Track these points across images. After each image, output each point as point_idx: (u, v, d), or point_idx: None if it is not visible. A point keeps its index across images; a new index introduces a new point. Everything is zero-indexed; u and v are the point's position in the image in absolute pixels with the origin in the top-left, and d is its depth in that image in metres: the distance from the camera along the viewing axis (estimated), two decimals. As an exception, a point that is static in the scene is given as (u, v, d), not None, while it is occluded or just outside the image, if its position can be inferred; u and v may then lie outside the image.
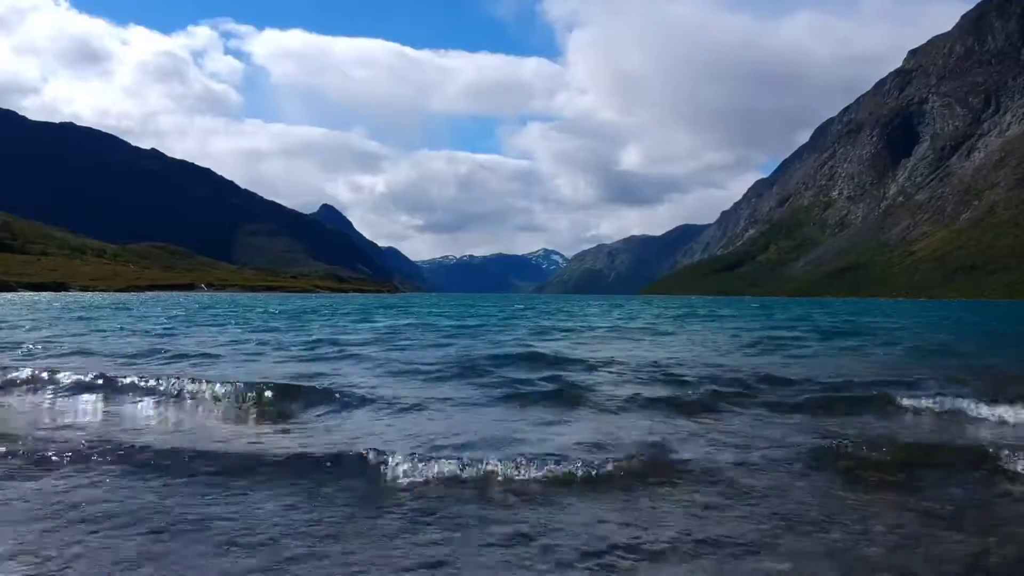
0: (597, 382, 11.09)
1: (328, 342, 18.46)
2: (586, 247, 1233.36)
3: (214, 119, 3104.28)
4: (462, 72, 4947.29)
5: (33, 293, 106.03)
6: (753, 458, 6.29)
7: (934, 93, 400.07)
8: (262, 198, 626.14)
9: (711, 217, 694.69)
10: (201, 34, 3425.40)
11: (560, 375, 11.66)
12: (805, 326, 31.87)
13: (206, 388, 9.54)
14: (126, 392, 9.71)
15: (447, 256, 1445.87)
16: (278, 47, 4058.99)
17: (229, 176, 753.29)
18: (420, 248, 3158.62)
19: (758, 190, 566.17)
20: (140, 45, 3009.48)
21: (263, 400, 9.03)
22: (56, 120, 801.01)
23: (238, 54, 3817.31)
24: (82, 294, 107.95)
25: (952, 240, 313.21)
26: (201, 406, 9.00)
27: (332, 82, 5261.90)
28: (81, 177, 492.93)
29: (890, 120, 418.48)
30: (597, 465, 5.79)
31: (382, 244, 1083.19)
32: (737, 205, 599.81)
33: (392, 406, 8.80)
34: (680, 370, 12.62)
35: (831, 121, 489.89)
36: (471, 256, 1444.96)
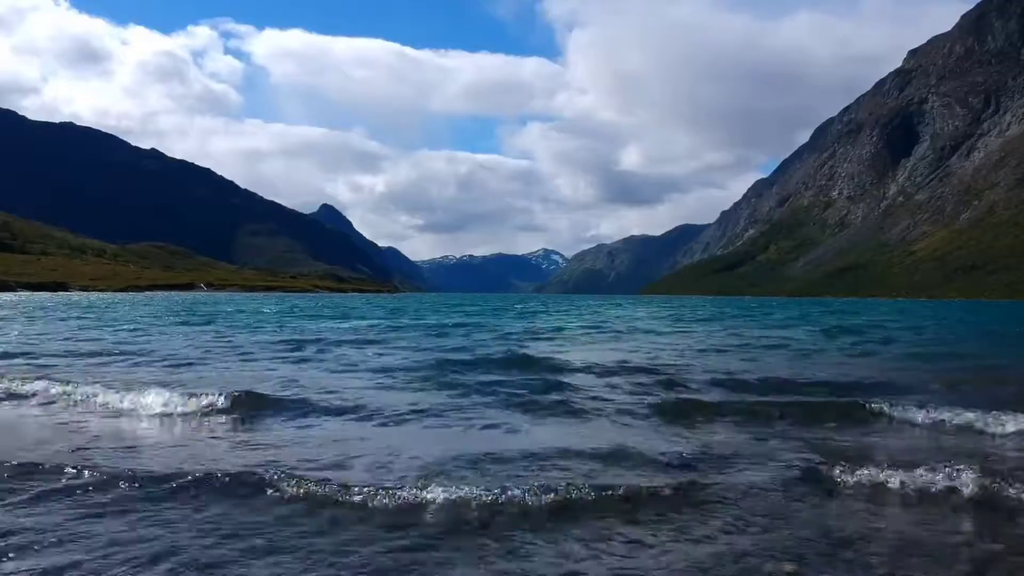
0: (575, 385, 10.75)
1: (300, 343, 17.94)
2: (586, 247, 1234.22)
3: (214, 119, 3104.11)
4: (462, 72, 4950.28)
5: (33, 293, 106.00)
6: (739, 479, 5.68)
7: (934, 93, 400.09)
8: (262, 198, 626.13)
9: (711, 217, 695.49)
10: (201, 34, 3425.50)
11: (534, 380, 11.18)
12: (805, 326, 31.78)
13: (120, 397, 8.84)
14: (40, 401, 9.06)
15: (447, 256, 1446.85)
16: (278, 47, 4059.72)
17: (229, 176, 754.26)
18: (420, 248, 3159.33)
19: (758, 190, 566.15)
20: (140, 45, 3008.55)
21: (200, 409, 8.33)
22: (56, 120, 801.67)
23: (238, 54, 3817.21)
24: (82, 294, 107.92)
25: (952, 240, 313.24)
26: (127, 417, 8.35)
27: (332, 82, 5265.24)
28: (81, 177, 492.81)
29: (890, 120, 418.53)
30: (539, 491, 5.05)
31: (382, 244, 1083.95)
32: (737, 205, 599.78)
33: (341, 414, 8.35)
34: (662, 373, 12.23)
35: (831, 121, 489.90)
36: (471, 256, 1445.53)
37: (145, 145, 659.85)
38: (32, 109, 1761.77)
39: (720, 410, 8.72)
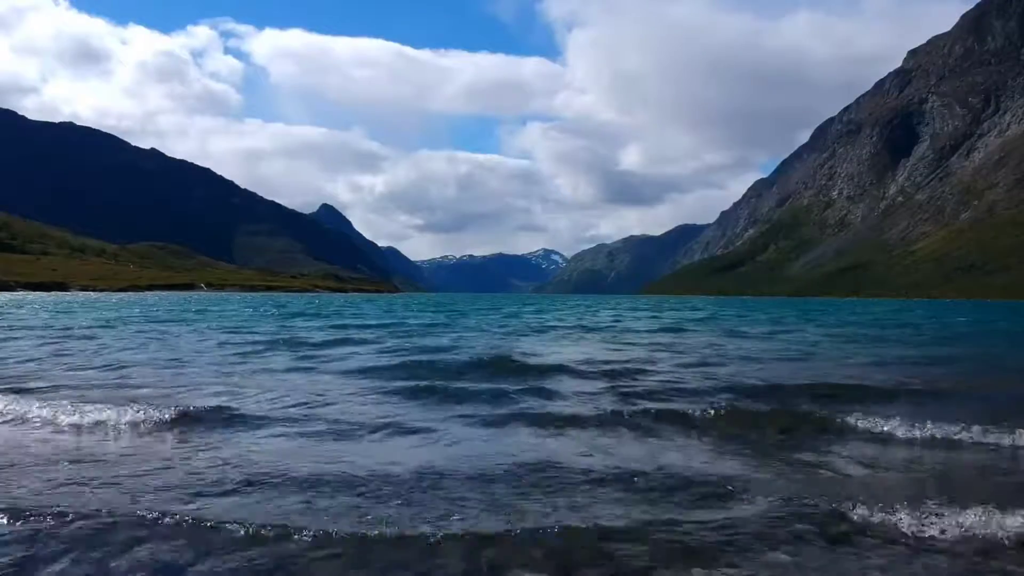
0: (549, 390, 10.23)
1: (269, 347, 16.90)
2: (586, 247, 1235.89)
3: (214, 119, 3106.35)
4: (462, 72, 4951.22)
5: (33, 293, 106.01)
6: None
7: (934, 93, 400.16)
8: (262, 198, 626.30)
9: (711, 217, 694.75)
10: (201, 34, 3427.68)
11: (507, 387, 10.39)
12: (797, 327, 31.71)
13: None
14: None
15: (447, 256, 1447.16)
16: (278, 47, 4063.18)
17: (229, 176, 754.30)
18: (420, 248, 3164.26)
19: (758, 190, 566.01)
20: (140, 45, 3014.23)
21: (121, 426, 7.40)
22: (56, 120, 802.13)
23: (238, 54, 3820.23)
24: (81, 294, 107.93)
25: (952, 240, 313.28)
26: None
27: (332, 82, 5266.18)
28: (81, 177, 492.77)
29: (890, 120, 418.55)
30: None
31: (382, 244, 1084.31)
32: (737, 205, 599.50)
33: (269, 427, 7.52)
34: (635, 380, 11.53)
35: (831, 121, 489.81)
36: (471, 256, 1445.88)
37: (145, 145, 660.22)
38: (32, 109, 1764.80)
39: (692, 421, 7.91)
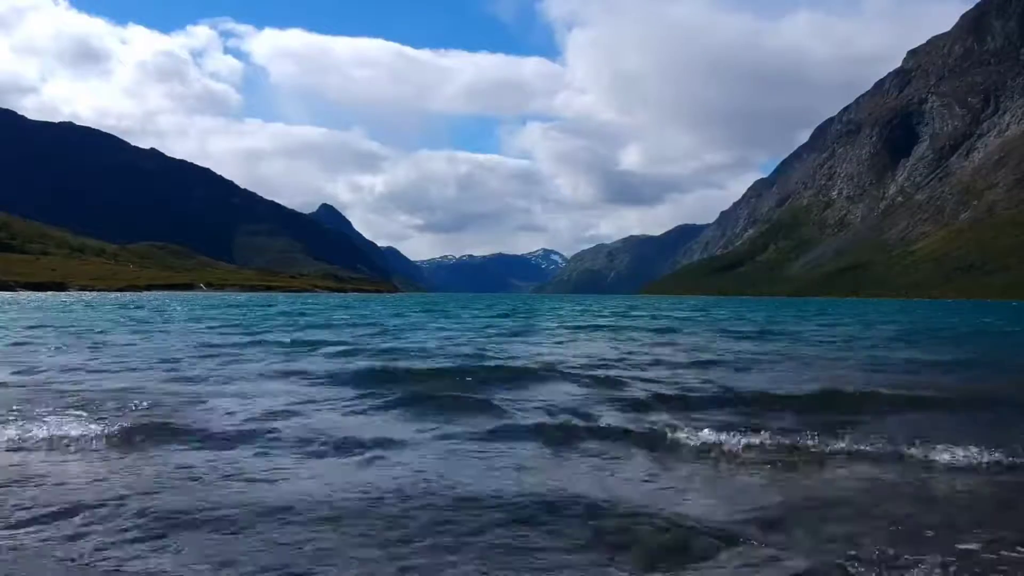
0: (504, 402, 9.31)
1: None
2: (586, 247, 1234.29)
3: (214, 119, 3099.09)
4: (462, 72, 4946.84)
5: (32, 293, 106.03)
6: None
7: (933, 93, 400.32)
8: (261, 198, 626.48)
9: (711, 217, 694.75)
10: (200, 33, 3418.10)
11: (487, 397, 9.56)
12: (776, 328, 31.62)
13: None
14: None
15: (447, 256, 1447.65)
16: (277, 47, 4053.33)
17: (229, 176, 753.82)
18: (420, 248, 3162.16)
19: (757, 190, 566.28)
20: (139, 45, 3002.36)
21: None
22: (55, 120, 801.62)
23: (237, 54, 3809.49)
24: (81, 294, 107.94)
25: (951, 240, 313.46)
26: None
27: (332, 82, 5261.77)
28: (80, 177, 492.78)
29: (889, 120, 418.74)
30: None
31: (382, 244, 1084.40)
32: (736, 205, 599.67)
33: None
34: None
35: (831, 121, 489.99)
36: (471, 256, 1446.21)
37: (145, 145, 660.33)
38: (31, 109, 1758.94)
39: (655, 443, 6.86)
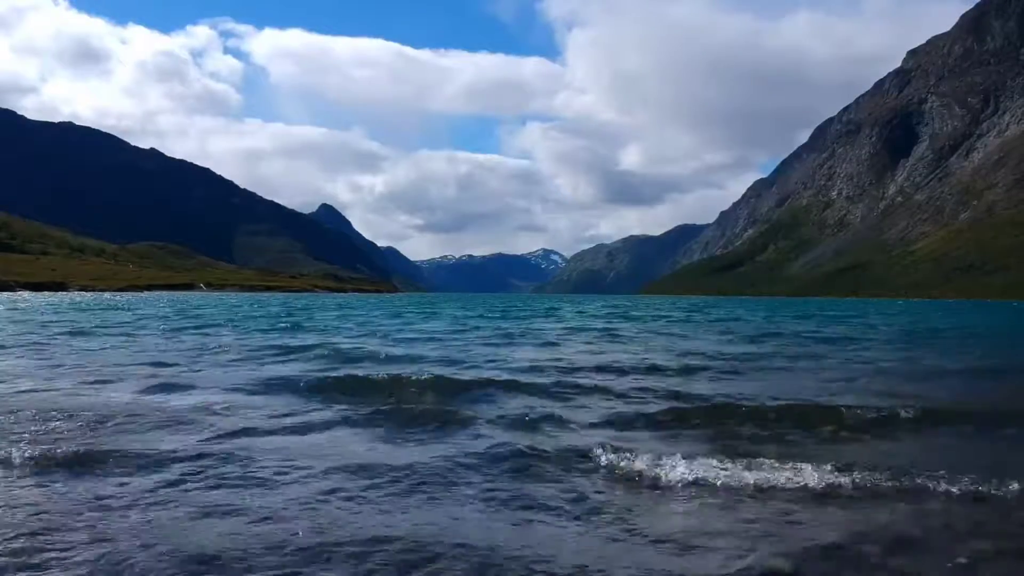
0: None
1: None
2: (585, 247, 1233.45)
3: (213, 119, 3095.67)
4: (462, 72, 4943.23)
5: (32, 293, 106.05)
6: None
7: (933, 93, 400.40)
8: (261, 198, 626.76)
9: (710, 217, 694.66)
10: (200, 33, 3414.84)
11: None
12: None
13: None
14: None
15: (446, 256, 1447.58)
16: (277, 47, 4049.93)
17: (228, 176, 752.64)
18: (420, 248, 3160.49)
19: (757, 190, 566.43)
20: (139, 44, 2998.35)
21: None
22: (55, 120, 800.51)
23: (237, 54, 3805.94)
24: (81, 294, 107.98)
25: (951, 240, 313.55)
26: None
27: (332, 82, 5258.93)
28: (80, 177, 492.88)
29: (889, 120, 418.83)
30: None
31: (381, 244, 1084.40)
32: (736, 205, 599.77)
33: None
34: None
35: (830, 121, 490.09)
36: (470, 256, 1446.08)
37: (144, 145, 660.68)
38: (31, 109, 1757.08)
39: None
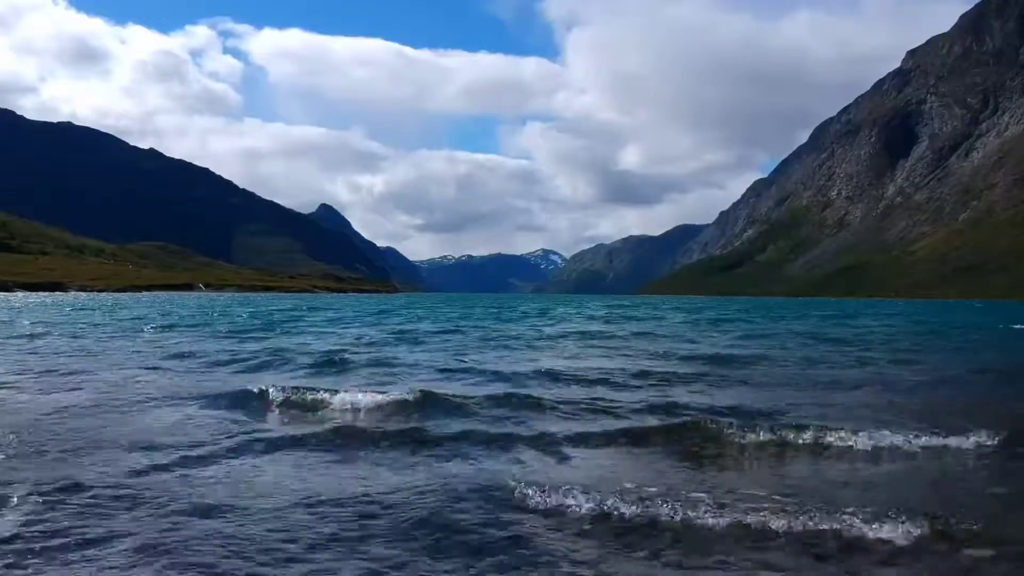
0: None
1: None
2: (585, 247, 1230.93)
3: (213, 119, 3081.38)
4: (461, 72, 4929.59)
5: (31, 293, 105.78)
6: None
7: (932, 93, 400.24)
8: (261, 198, 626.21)
9: (710, 217, 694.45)
10: (199, 33, 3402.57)
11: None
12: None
13: None
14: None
15: (446, 256, 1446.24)
16: (277, 46, 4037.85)
17: (228, 176, 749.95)
18: (419, 248, 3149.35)
19: (757, 190, 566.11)
20: (138, 44, 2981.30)
21: None
22: (54, 120, 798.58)
23: (237, 53, 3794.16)
24: (80, 294, 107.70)
25: (951, 240, 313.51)
26: None
27: (331, 82, 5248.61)
28: (79, 177, 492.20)
29: (889, 120, 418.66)
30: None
31: (381, 244, 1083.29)
32: (736, 205, 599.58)
33: None
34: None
35: (830, 121, 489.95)
36: (470, 256, 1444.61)
37: (144, 145, 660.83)
38: (30, 109, 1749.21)
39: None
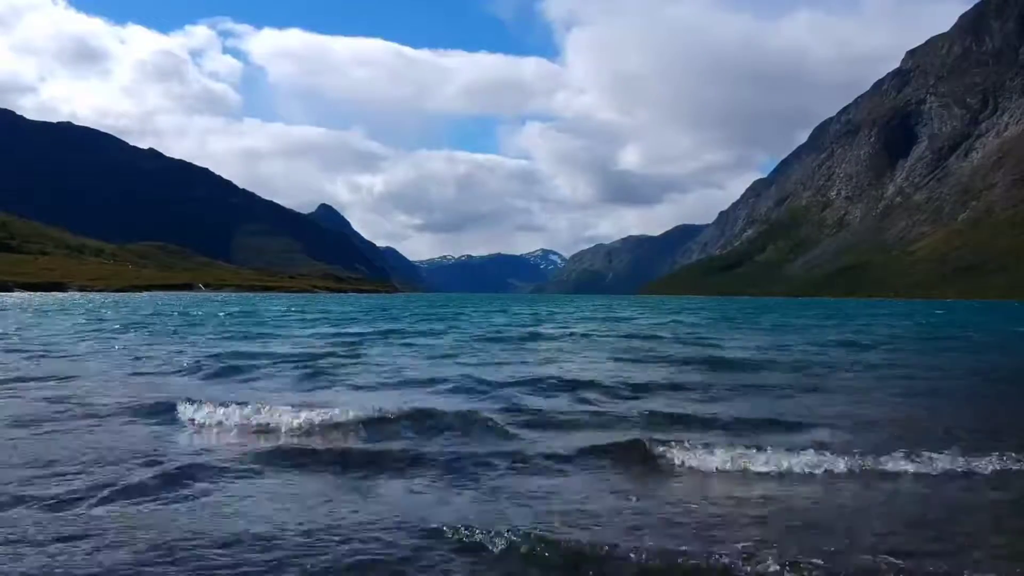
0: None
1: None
2: (585, 247, 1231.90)
3: (212, 119, 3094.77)
4: (461, 72, 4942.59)
5: (30, 293, 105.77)
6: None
7: (932, 93, 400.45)
8: (260, 198, 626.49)
9: (710, 217, 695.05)
10: (199, 33, 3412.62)
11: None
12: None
13: None
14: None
15: (445, 256, 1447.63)
16: (276, 46, 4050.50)
17: (227, 176, 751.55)
18: (419, 248, 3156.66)
19: (756, 190, 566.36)
20: (138, 44, 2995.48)
21: None
22: (54, 120, 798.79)
23: (236, 53, 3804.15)
24: (79, 294, 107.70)
25: (950, 240, 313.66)
26: None
27: (331, 82, 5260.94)
28: (79, 177, 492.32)
29: (888, 120, 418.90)
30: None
31: (380, 244, 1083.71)
32: (735, 205, 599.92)
33: None
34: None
35: (830, 121, 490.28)
36: (469, 256, 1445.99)
37: (143, 145, 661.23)
38: (30, 109, 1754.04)
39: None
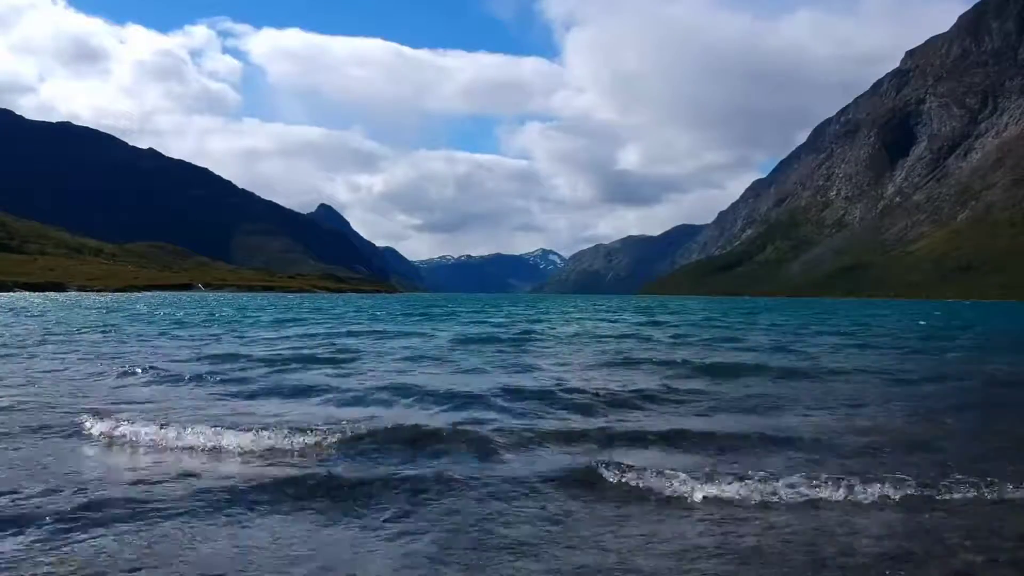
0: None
1: None
2: (584, 247, 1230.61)
3: (212, 118, 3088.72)
4: (460, 71, 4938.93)
5: (30, 293, 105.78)
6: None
7: (931, 94, 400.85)
8: (260, 198, 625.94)
9: (709, 217, 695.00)
10: (199, 33, 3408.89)
11: None
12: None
13: None
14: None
15: (445, 256, 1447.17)
16: (276, 46, 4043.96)
17: (227, 176, 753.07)
18: (418, 248, 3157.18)
19: (756, 190, 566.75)
20: (137, 44, 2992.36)
21: None
22: (53, 119, 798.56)
23: (236, 53, 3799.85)
24: (79, 294, 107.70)
25: (949, 240, 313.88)
26: None
27: (330, 81, 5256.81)
28: (79, 177, 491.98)
29: (887, 120, 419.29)
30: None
31: (380, 244, 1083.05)
32: (735, 205, 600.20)
33: None
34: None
35: (829, 121, 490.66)
36: (469, 256, 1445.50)
37: (143, 145, 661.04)
38: (29, 108, 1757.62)
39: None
